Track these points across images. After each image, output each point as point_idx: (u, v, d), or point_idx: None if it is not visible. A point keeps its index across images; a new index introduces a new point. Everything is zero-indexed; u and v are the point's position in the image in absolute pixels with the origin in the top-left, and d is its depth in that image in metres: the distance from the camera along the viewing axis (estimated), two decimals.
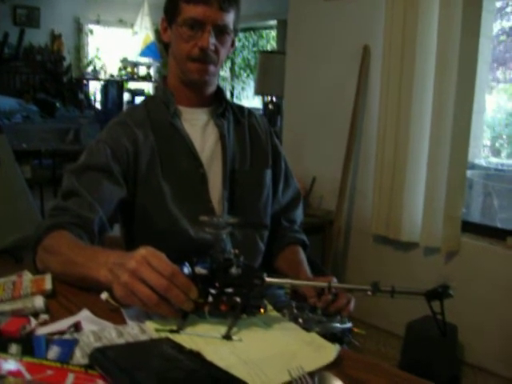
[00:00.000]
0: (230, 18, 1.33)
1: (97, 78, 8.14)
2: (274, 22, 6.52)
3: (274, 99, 4.14)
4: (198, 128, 1.43)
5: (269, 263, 1.51)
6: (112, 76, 8.24)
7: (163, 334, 0.86)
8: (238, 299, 0.90)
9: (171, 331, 0.87)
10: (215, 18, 1.30)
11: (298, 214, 1.62)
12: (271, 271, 1.44)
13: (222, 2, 1.29)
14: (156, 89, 1.61)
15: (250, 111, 1.57)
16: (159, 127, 1.39)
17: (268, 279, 0.94)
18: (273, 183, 1.52)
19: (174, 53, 1.39)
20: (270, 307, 0.98)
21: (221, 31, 1.33)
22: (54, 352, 0.76)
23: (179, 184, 1.37)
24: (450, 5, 2.54)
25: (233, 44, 1.42)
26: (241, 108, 1.55)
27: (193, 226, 1.35)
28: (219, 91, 1.48)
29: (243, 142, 1.49)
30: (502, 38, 3.23)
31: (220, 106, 1.46)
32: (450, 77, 2.56)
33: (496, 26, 3.04)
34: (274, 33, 7.00)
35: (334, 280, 1.14)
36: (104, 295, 0.94)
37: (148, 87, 8.55)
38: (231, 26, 1.35)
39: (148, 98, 1.51)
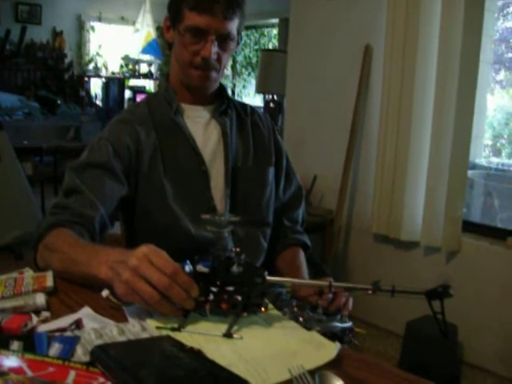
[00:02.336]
0: (233, 24, 1.31)
1: (98, 76, 8.14)
2: (275, 21, 6.52)
3: (276, 98, 4.14)
4: (201, 125, 1.43)
5: (270, 262, 1.51)
6: (113, 73, 8.25)
7: (164, 332, 0.86)
8: (238, 297, 0.90)
9: (172, 329, 0.87)
10: (218, 27, 1.28)
11: (300, 213, 1.61)
12: (273, 270, 1.45)
13: (227, 11, 1.27)
14: (158, 86, 1.61)
15: (253, 108, 1.56)
16: (161, 124, 1.39)
17: (269, 278, 0.94)
18: (274, 180, 1.52)
19: (177, 56, 1.38)
20: (270, 306, 0.98)
21: (224, 39, 1.31)
22: (55, 349, 0.77)
23: (181, 181, 1.37)
24: (451, 4, 2.54)
25: (238, 43, 1.40)
26: (243, 105, 1.55)
27: (194, 224, 1.35)
28: (221, 89, 1.47)
29: (246, 139, 1.48)
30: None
31: (222, 103, 1.46)
32: (451, 76, 2.56)
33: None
34: (275, 31, 7.00)
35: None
36: (105, 292, 0.94)
37: (149, 84, 8.54)
38: (235, 32, 1.33)
39: (150, 95, 1.51)
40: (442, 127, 2.61)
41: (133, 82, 8.37)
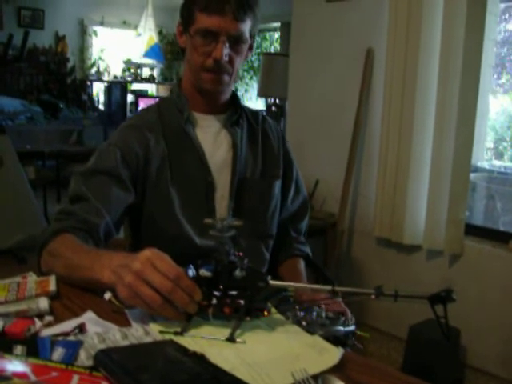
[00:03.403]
0: (245, 26, 1.29)
1: (100, 80, 8.15)
2: (277, 24, 6.54)
3: (277, 101, 4.14)
4: (211, 135, 1.41)
5: (272, 269, 1.51)
6: (115, 77, 8.26)
7: (167, 336, 0.86)
8: (241, 302, 0.90)
9: (175, 333, 0.87)
10: (229, 28, 1.26)
11: (305, 224, 1.62)
12: (275, 277, 1.45)
13: (237, 12, 1.25)
14: (170, 92, 1.60)
15: (264, 117, 1.55)
16: (171, 132, 1.38)
17: (272, 282, 0.94)
18: (283, 190, 1.51)
19: (189, 60, 1.36)
20: (273, 310, 0.98)
21: (236, 41, 1.29)
22: (58, 353, 0.77)
23: (187, 191, 1.36)
24: (453, 7, 2.54)
25: (251, 48, 1.38)
26: (255, 114, 1.53)
27: (199, 234, 1.35)
28: (234, 97, 1.46)
29: (256, 149, 1.47)
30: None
31: (235, 113, 1.44)
32: (453, 79, 2.56)
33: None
34: (277, 35, 7.02)
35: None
36: (107, 295, 0.94)
37: (151, 88, 8.56)
38: (247, 34, 1.31)
39: (162, 100, 1.49)
40: (444, 130, 2.61)
41: (135, 86, 8.38)
